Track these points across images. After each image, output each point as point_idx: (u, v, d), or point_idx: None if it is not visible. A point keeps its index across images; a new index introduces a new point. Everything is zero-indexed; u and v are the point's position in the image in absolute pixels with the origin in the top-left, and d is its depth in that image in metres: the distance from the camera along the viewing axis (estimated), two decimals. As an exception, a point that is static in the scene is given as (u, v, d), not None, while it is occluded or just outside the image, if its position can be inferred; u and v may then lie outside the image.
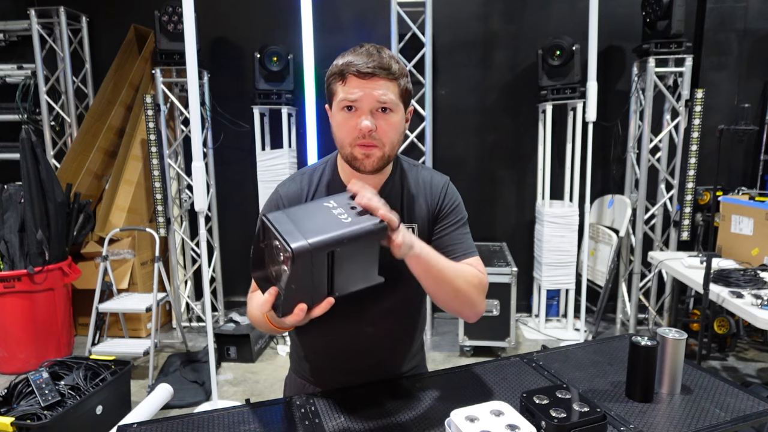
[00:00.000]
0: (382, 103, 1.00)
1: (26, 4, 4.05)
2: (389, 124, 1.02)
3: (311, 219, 0.86)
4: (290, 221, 0.85)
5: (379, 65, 0.99)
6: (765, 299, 2.23)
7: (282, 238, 0.81)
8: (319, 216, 0.87)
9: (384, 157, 1.04)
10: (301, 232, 0.82)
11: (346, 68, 1.00)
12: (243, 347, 3.46)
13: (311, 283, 0.84)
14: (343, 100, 1.01)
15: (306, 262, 0.81)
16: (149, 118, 3.66)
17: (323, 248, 0.81)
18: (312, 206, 0.91)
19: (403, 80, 1.04)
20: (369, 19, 3.96)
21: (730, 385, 1.15)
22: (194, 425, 1.04)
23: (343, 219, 0.87)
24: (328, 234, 0.82)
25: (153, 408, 2.38)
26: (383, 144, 1.02)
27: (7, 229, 3.33)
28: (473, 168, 4.11)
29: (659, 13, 3.36)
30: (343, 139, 1.04)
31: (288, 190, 1.14)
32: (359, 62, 0.99)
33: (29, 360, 3.26)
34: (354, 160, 1.04)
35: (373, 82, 0.99)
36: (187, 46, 2.39)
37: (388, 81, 1.00)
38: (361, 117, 1.00)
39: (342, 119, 1.03)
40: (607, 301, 3.70)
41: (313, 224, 0.84)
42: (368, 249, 0.89)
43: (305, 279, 0.83)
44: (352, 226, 0.85)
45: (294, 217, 0.86)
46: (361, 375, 1.20)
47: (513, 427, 0.89)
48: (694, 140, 3.43)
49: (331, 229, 0.83)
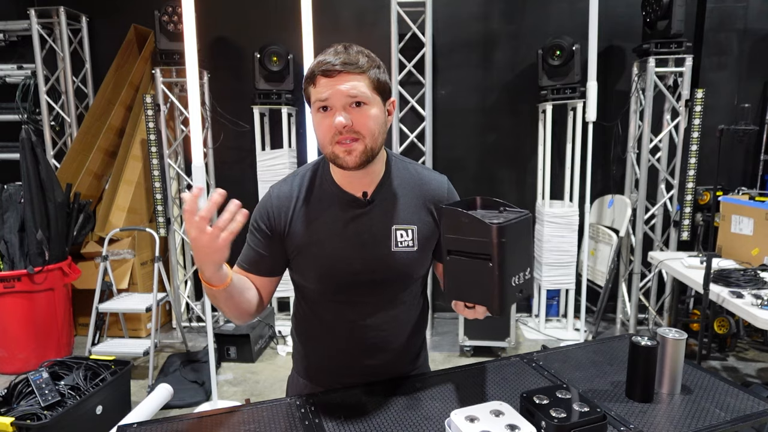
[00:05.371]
0: (353, 97, 0.99)
1: (26, 4, 4.05)
2: (366, 116, 1.01)
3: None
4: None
5: (344, 61, 0.99)
6: (765, 299, 2.22)
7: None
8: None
9: (366, 151, 1.02)
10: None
11: (315, 69, 1.01)
12: (243, 347, 3.46)
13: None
14: (316, 102, 1.02)
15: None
16: (149, 118, 3.66)
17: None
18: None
19: (373, 72, 1.02)
20: (369, 19, 3.96)
21: (730, 385, 1.15)
22: (194, 425, 1.04)
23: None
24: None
25: (153, 408, 2.38)
26: (363, 136, 1.01)
27: (7, 229, 3.33)
28: (473, 168, 4.11)
29: (659, 13, 3.36)
30: (322, 139, 1.04)
31: (280, 191, 1.14)
32: (325, 62, 1.00)
33: (29, 360, 3.26)
34: (336, 158, 1.03)
35: (341, 78, 0.99)
36: (187, 46, 2.39)
37: (356, 75, 1.00)
38: (334, 114, 1.00)
39: (318, 120, 1.03)
40: (607, 301, 3.70)
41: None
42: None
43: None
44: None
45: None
46: (363, 376, 1.20)
47: (513, 427, 0.89)
48: (694, 140, 3.43)
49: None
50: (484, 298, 0.91)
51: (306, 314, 1.21)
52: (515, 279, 0.90)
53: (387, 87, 1.06)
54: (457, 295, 0.96)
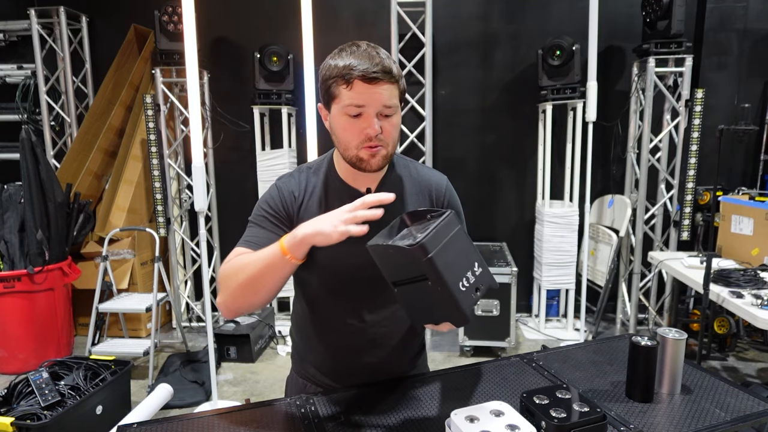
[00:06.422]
0: (388, 108, 1.02)
1: (26, 4, 4.05)
2: (392, 125, 1.05)
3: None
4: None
5: (382, 69, 1.00)
6: (765, 299, 2.22)
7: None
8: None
9: (387, 156, 1.07)
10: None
11: (350, 72, 0.99)
12: (243, 347, 3.46)
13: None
14: (349, 106, 1.01)
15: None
16: (149, 118, 3.66)
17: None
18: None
19: (402, 81, 1.07)
20: (369, 19, 3.96)
21: (730, 385, 1.15)
22: (194, 425, 1.04)
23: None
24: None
25: (153, 408, 2.38)
26: (387, 144, 1.05)
27: (7, 229, 3.33)
28: (473, 168, 4.11)
29: (659, 13, 3.36)
30: (349, 142, 1.05)
31: (288, 184, 1.15)
32: (363, 66, 0.99)
33: (29, 360, 3.26)
34: (360, 162, 1.05)
35: (379, 86, 1.00)
36: (186, 46, 2.39)
37: (391, 84, 1.02)
38: (368, 121, 1.02)
39: (348, 123, 1.03)
40: (607, 301, 3.70)
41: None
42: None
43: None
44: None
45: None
46: (362, 375, 1.20)
47: (513, 427, 0.89)
48: (694, 140, 3.43)
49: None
50: (445, 314, 0.89)
51: (306, 312, 1.22)
52: (463, 282, 0.87)
53: (405, 94, 1.11)
54: (419, 321, 0.95)
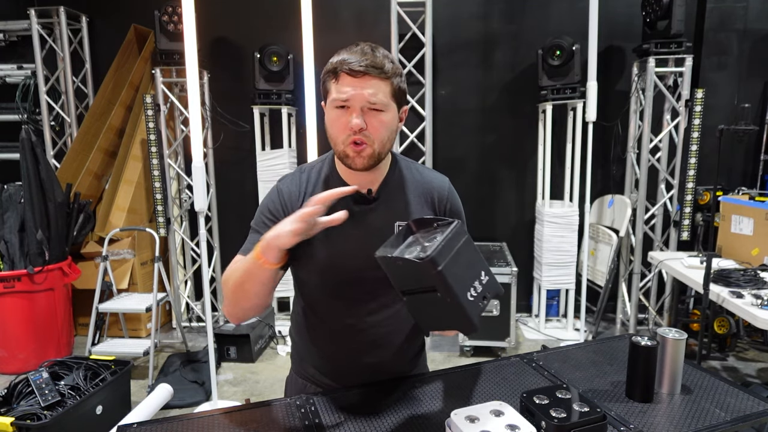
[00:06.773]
0: (372, 104, 1.01)
1: (26, 4, 4.05)
2: (380, 122, 1.03)
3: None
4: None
5: (371, 64, 1.00)
6: (765, 299, 2.22)
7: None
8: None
9: (374, 155, 1.05)
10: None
11: (339, 66, 1.01)
12: (243, 347, 3.46)
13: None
14: (335, 99, 1.03)
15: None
16: (149, 118, 3.66)
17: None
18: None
19: (396, 79, 1.04)
20: (369, 19, 3.96)
21: (730, 385, 1.15)
22: (194, 425, 1.04)
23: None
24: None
25: (153, 408, 2.38)
26: (373, 142, 1.04)
27: (7, 229, 3.33)
28: (473, 168, 4.11)
29: (659, 13, 3.36)
30: (335, 137, 1.06)
31: (289, 186, 1.15)
32: (352, 60, 1.00)
33: (29, 360, 3.26)
34: (346, 158, 1.06)
35: (365, 80, 1.00)
36: (186, 46, 2.39)
37: (380, 80, 1.01)
38: (352, 115, 1.01)
39: (334, 117, 1.04)
40: (607, 301, 3.70)
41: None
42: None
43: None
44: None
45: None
46: (362, 375, 1.20)
47: (513, 427, 0.89)
48: (694, 140, 3.43)
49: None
50: (453, 323, 0.91)
51: (306, 312, 1.22)
52: (471, 292, 0.88)
53: (404, 95, 1.09)
54: (428, 328, 0.98)
